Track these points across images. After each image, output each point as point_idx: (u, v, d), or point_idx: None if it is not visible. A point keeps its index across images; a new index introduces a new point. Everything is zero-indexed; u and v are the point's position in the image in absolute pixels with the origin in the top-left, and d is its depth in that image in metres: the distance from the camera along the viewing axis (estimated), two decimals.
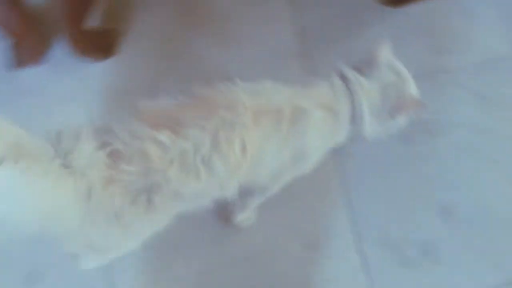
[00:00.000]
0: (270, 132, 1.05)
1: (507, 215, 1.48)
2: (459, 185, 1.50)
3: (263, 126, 1.04)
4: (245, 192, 1.20)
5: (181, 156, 0.97)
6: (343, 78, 1.16)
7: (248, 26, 1.63)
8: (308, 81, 1.14)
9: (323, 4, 1.64)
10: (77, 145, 0.93)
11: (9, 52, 1.56)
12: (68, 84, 1.57)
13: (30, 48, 1.51)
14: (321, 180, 1.47)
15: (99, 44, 1.49)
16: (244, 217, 1.41)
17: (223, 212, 1.41)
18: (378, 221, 1.46)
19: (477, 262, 1.43)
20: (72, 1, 1.37)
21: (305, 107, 1.08)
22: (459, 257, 1.43)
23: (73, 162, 0.92)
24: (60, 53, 1.57)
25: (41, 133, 0.93)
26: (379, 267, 1.41)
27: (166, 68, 1.56)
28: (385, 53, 1.17)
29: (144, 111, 1.03)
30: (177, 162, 0.97)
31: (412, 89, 1.17)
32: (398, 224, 1.46)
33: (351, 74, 1.15)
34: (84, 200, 0.94)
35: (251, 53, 1.59)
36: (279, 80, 1.09)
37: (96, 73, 1.57)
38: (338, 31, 1.64)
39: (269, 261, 1.41)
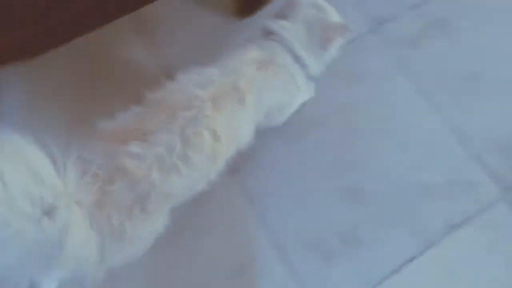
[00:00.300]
0: (235, 110, 1.10)
1: (408, 180, 1.54)
2: (355, 165, 1.54)
3: (226, 108, 1.09)
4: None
5: (157, 160, 1.01)
6: (269, 30, 1.22)
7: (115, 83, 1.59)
8: (239, 48, 1.19)
9: (180, 36, 1.63)
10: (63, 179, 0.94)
11: None
12: None
13: None
14: (227, 205, 1.47)
15: None
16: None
17: None
18: (294, 226, 1.47)
19: (396, 234, 1.48)
20: None
21: (252, 73, 1.14)
22: (377, 235, 1.47)
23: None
24: None
25: None
26: (307, 270, 1.42)
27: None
28: None
29: (109, 132, 1.05)
30: (156, 166, 1.01)
31: (335, 17, 1.25)
32: (312, 222, 1.47)
33: (274, 24, 1.22)
34: (90, 228, 0.97)
35: None
36: None
37: None
38: (207, 53, 1.63)
39: None
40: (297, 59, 1.21)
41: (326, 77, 1.44)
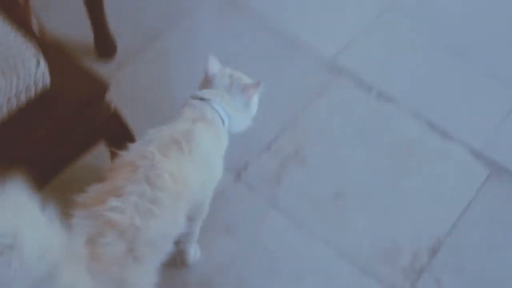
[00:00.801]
0: (179, 157, 1.29)
1: None
2: None
3: (171, 155, 1.27)
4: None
5: (134, 208, 1.16)
6: (197, 98, 1.44)
7: None
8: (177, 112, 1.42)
9: None
10: None
11: None
12: None
13: None
14: None
15: None
16: (194, 251, 1.58)
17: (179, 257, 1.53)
18: None
19: None
20: None
21: (188, 127, 1.35)
22: None
23: None
24: None
25: None
26: None
27: None
28: (212, 66, 1.49)
29: (85, 200, 1.19)
30: (135, 214, 1.16)
31: (246, 78, 1.51)
32: None
33: (200, 93, 1.45)
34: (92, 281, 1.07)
35: None
36: None
37: None
38: None
39: None
40: (225, 119, 1.44)
41: (205, 236, 1.46)
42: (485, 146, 1.91)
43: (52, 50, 1.32)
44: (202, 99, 1.43)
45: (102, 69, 1.96)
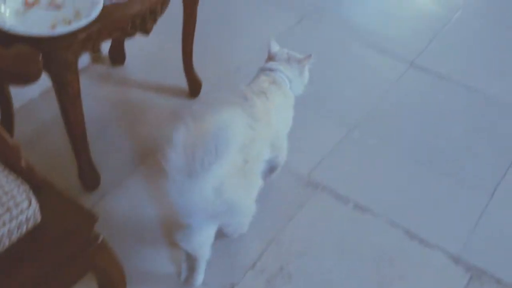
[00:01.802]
0: (265, 103, 1.81)
1: None
2: None
3: (261, 101, 1.80)
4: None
5: (244, 134, 1.60)
6: (265, 69, 1.96)
7: None
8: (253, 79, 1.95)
9: None
10: None
11: None
12: None
13: None
14: None
15: None
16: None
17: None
18: None
19: None
20: None
21: (267, 85, 1.88)
22: None
23: None
24: None
25: None
26: None
27: None
28: (273, 46, 2.01)
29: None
30: (245, 138, 1.61)
31: (298, 55, 1.98)
32: None
33: (269, 65, 1.95)
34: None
35: None
36: None
37: None
38: None
39: None
40: (287, 81, 1.93)
41: None
42: (462, 250, 1.97)
43: (42, 187, 1.38)
44: (270, 69, 1.93)
45: (86, 199, 2.01)
